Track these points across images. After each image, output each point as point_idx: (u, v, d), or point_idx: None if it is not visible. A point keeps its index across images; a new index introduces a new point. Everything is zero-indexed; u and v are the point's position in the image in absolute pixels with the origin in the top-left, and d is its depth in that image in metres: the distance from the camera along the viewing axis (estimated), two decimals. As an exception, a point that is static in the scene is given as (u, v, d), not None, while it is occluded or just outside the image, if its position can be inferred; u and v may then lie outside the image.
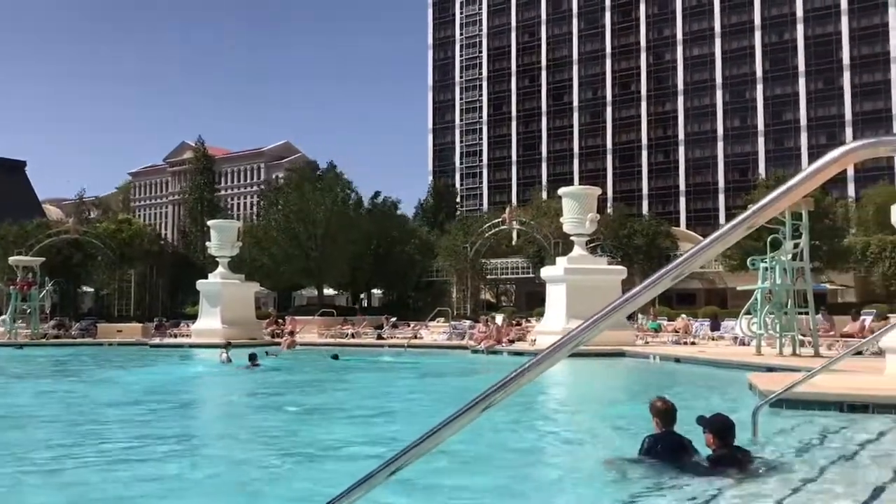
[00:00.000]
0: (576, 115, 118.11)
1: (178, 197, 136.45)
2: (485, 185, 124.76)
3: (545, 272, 28.05)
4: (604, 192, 55.11)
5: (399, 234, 63.82)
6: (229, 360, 21.84)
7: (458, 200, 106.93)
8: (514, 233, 56.13)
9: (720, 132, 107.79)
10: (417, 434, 2.55)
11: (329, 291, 66.57)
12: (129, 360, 25.39)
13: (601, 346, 20.95)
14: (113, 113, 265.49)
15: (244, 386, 18.35)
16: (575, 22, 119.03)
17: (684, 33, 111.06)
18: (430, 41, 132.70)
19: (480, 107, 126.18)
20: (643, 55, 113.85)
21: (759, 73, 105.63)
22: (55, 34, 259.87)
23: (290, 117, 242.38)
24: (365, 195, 64.17)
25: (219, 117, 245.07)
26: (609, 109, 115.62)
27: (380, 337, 32.12)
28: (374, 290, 70.17)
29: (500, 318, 32.11)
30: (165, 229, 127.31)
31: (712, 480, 6.22)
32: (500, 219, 53.61)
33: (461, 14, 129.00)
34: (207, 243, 36.22)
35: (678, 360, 20.61)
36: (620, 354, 22.13)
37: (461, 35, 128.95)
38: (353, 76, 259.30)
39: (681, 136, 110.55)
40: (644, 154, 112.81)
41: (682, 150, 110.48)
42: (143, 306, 56.19)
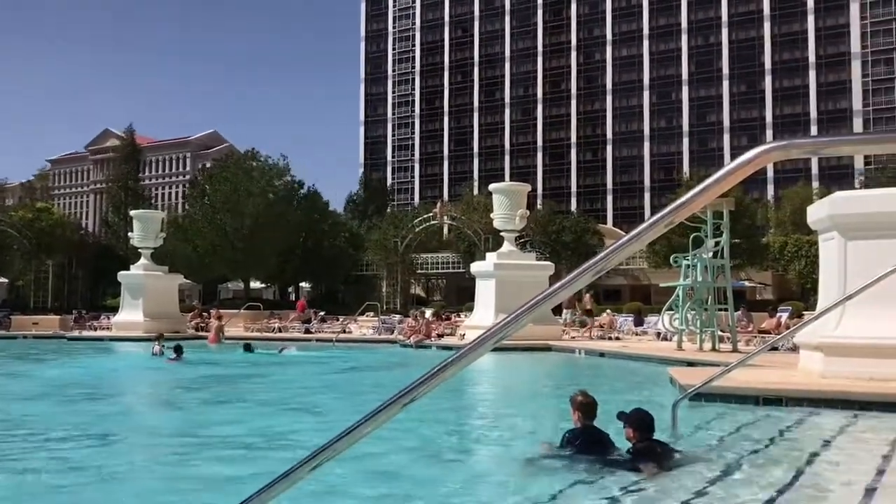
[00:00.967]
0: (507, 111, 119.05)
1: (100, 186, 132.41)
2: (416, 180, 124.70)
3: (475, 267, 28.23)
4: (534, 189, 55.83)
5: (328, 227, 63.27)
6: (162, 353, 21.36)
7: (389, 194, 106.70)
8: (445, 228, 56.38)
9: (647, 132, 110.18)
10: (340, 428, 2.53)
11: (256, 284, 65.60)
12: (46, 354, 24.53)
13: (528, 341, 21.21)
14: (30, 98, 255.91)
15: (168, 379, 17.95)
16: (507, 19, 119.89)
17: (614, 34, 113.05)
18: (362, 33, 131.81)
19: (413, 101, 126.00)
20: (574, 54, 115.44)
21: (685, 75, 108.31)
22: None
23: (217, 106, 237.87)
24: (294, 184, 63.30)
25: (143, 105, 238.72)
26: (540, 107, 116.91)
27: (307, 331, 31.78)
28: (302, 284, 69.44)
29: (429, 313, 32.14)
30: (86, 219, 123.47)
31: (632, 473, 6.35)
32: (431, 213, 53.79)
33: (394, 7, 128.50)
34: (130, 234, 35.25)
35: (603, 354, 20.99)
36: (547, 349, 22.43)
37: (394, 28, 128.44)
38: (284, 66, 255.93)
39: (609, 134, 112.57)
40: (573, 152, 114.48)
41: (609, 148, 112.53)
42: (62, 298, 54.44)
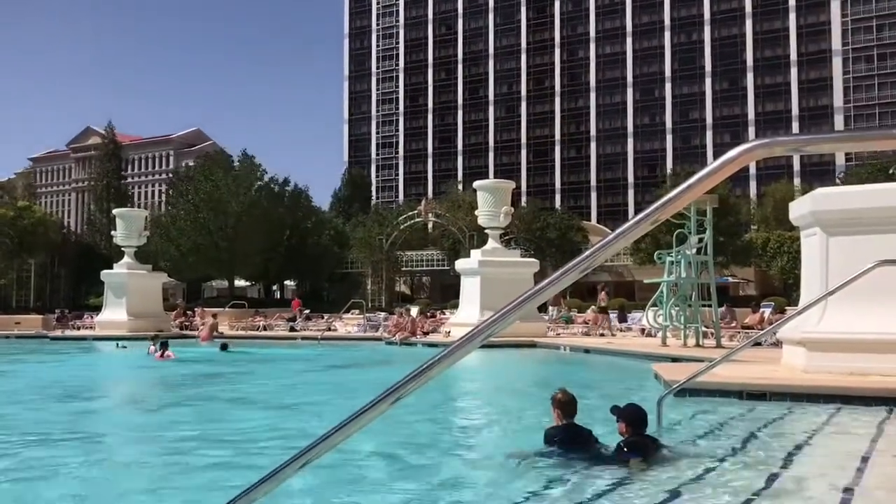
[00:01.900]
0: (491, 109, 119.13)
1: (83, 184, 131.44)
2: (401, 177, 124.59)
3: (460, 264, 28.24)
4: (518, 186, 55.92)
5: (313, 225, 63.11)
6: (157, 352, 21.35)
7: (374, 192, 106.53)
8: (430, 225, 56.40)
9: (630, 129, 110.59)
10: (328, 426, 2.54)
11: (240, 283, 65.35)
12: (30, 353, 24.34)
13: (513, 337, 21.26)
14: (10, 94, 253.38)
15: (159, 377, 17.88)
16: (491, 16, 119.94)
17: (597, 31, 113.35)
18: (346, 30, 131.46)
19: (397, 98, 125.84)
20: (557, 51, 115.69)
21: (667, 72, 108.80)
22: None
23: (201, 104, 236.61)
24: (277, 183, 63.13)
25: (125, 103, 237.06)
26: (524, 104, 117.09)
27: (292, 329, 31.70)
28: (286, 282, 69.25)
29: (414, 311, 32.16)
30: (69, 217, 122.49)
31: (619, 468, 6.39)
32: (416, 211, 53.76)
33: (377, 4, 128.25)
34: (113, 233, 35.02)
35: (587, 350, 21.07)
36: (532, 345, 22.48)
37: (378, 25, 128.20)
38: (268, 64, 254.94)
39: (592, 131, 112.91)
40: (557, 149, 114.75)
41: (593, 145, 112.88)
42: (44, 297, 54.06)
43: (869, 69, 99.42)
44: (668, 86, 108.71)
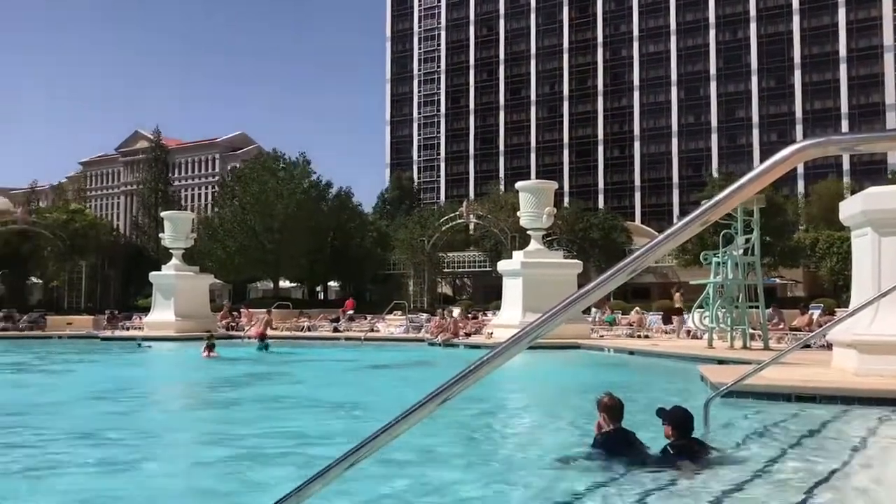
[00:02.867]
0: (533, 109, 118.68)
1: (131, 187, 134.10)
2: (442, 179, 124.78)
3: (502, 266, 28.19)
4: (560, 187, 55.68)
5: (356, 227, 63.59)
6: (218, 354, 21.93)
7: (416, 193, 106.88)
8: (472, 226, 56.37)
9: (675, 128, 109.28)
10: (372, 426, 2.56)
11: (285, 284, 66.07)
12: (83, 353, 24.90)
13: (557, 339, 21.16)
14: (64, 101, 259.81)
15: (204, 377, 18.18)
16: (533, 17, 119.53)
17: (640, 30, 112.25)
18: (388, 33, 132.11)
19: (438, 100, 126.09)
20: (600, 51, 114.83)
21: (712, 70, 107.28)
22: (7, 22, 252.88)
23: (246, 108, 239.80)
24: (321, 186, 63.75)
25: (173, 107, 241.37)
26: (566, 104, 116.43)
27: (336, 330, 31.97)
28: (330, 283, 69.86)
29: (456, 312, 32.19)
30: (118, 220, 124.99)
31: (667, 472, 6.33)
32: (458, 212, 53.73)
33: (419, 6, 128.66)
34: (161, 235, 35.67)
35: (632, 352, 20.89)
36: (575, 347, 22.35)
37: (419, 28, 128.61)
38: (311, 67, 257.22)
39: (636, 131, 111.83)
40: (600, 149, 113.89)
41: (637, 145, 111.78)
42: (95, 298, 55.20)
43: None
44: (713, 84, 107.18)
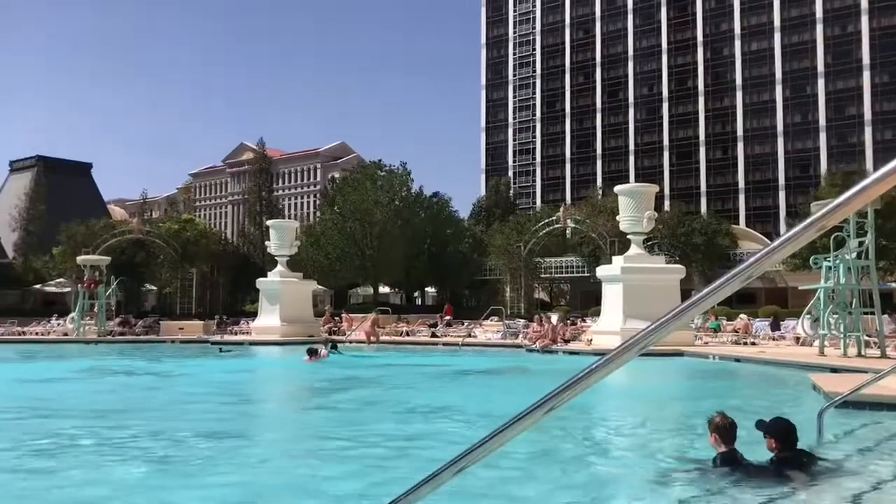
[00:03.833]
0: (631, 111, 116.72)
1: (237, 197, 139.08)
2: (538, 183, 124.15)
3: (601, 271, 27.77)
4: (661, 190, 54.35)
5: (452, 233, 64.05)
6: (328, 355, 22.98)
7: (512, 199, 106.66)
8: (569, 231, 55.81)
9: (780, 128, 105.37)
10: (483, 432, 2.59)
11: (384, 289, 67.11)
12: (194, 357, 25.94)
13: (659, 346, 20.62)
14: (173, 115, 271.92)
15: (307, 379, 18.68)
16: (630, 18, 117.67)
17: (742, 27, 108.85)
18: (483, 40, 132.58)
19: (534, 104, 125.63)
20: (700, 50, 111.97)
21: (820, 67, 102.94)
22: (117, 41, 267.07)
23: (345, 118, 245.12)
24: (419, 193, 64.60)
25: (275, 119, 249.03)
26: (665, 105, 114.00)
27: (434, 335, 32.23)
28: (427, 289, 70.53)
29: (555, 317, 31.92)
30: (225, 228, 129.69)
31: (776, 484, 6.12)
32: (555, 217, 53.31)
33: (514, 12, 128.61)
34: (267, 242, 36.84)
35: (738, 360, 20.24)
36: (679, 354, 21.78)
37: (514, 33, 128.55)
38: (406, 76, 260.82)
39: (739, 132, 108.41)
40: (702, 150, 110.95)
41: (741, 146, 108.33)
42: (205, 304, 57.42)
43: None
44: (821, 81, 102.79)
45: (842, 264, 17.74)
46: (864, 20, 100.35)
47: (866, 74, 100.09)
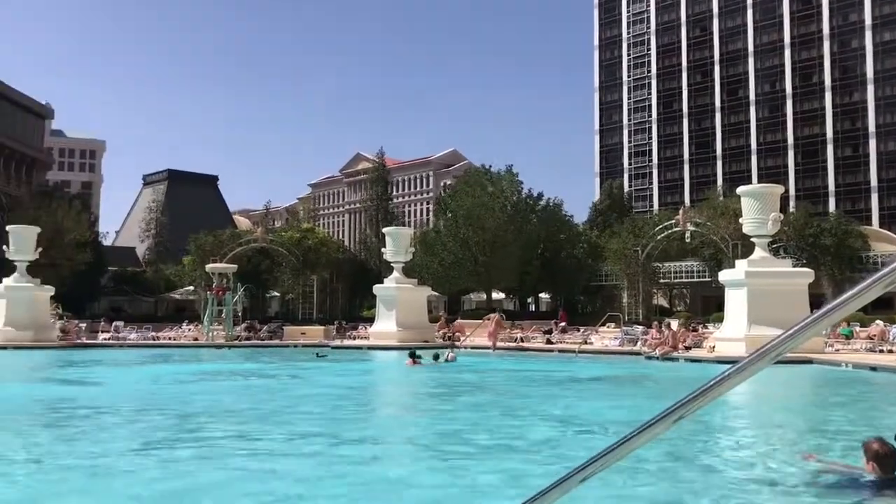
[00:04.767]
0: (752, 109, 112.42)
1: (354, 206, 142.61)
2: (655, 186, 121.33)
3: (724, 276, 26.87)
4: (786, 190, 52.05)
5: (566, 238, 63.42)
6: (451, 359, 23.67)
7: (627, 202, 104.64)
8: (688, 235, 54.24)
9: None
10: (596, 439, 2.56)
11: (497, 295, 67.11)
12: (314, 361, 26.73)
13: (788, 353, 19.81)
14: (292, 128, 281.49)
15: (422, 384, 18.93)
16: (749, 13, 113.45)
17: (874, 17, 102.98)
18: (595, 42, 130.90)
19: (649, 105, 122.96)
20: (826, 44, 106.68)
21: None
22: (240, 62, 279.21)
23: (455, 125, 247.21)
24: (532, 198, 64.32)
25: (388, 128, 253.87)
26: (789, 103, 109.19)
27: (549, 342, 31.99)
28: (541, 294, 70.04)
29: (675, 324, 31.10)
30: (342, 236, 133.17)
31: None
32: (673, 220, 51.93)
33: (628, 12, 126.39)
34: (383, 250, 37.59)
35: (874, 368, 19.14)
36: (807, 362, 20.81)
37: (628, 34, 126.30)
38: (516, 81, 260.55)
39: (871, 128, 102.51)
40: (829, 149, 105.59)
41: (872, 143, 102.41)
42: (325, 310, 59.08)
43: None
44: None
45: None
46: None
47: None
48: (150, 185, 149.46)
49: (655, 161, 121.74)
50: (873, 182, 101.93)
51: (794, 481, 6.75)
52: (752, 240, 26.48)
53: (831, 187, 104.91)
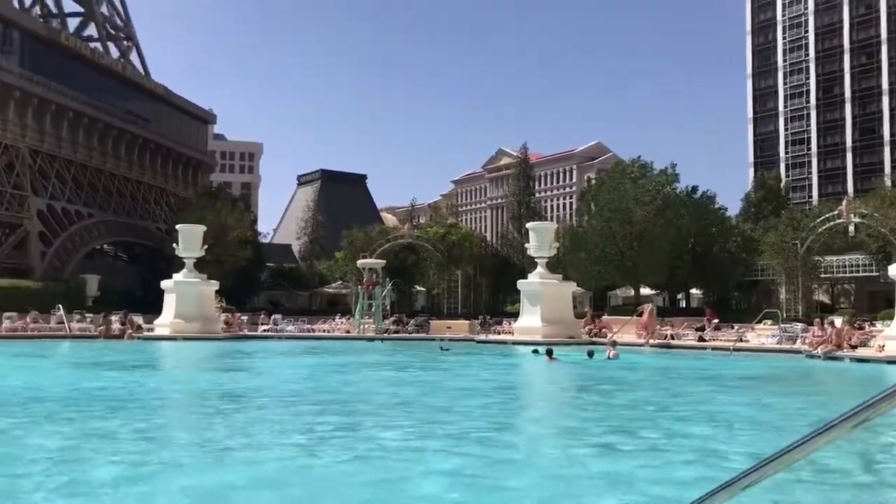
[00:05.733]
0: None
1: (496, 201, 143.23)
2: (814, 176, 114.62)
3: (893, 270, 25.08)
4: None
5: (719, 231, 61.07)
6: (617, 356, 23.45)
7: (784, 193, 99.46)
8: (852, 227, 50.95)
9: None
10: (757, 443, 2.49)
11: (645, 291, 65.51)
12: (462, 355, 27.14)
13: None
14: (436, 127, 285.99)
15: (572, 380, 18.85)
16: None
17: None
18: (748, 27, 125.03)
19: (807, 91, 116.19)
20: None
21: None
22: (385, 65, 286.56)
23: (600, 116, 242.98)
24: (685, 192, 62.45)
25: (530, 121, 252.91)
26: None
27: (701, 339, 30.95)
28: (692, 290, 67.79)
29: (839, 321, 29.34)
30: (485, 231, 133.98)
31: None
32: (836, 212, 48.91)
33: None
34: (526, 245, 37.57)
35: None
36: None
37: (783, 16, 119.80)
38: (662, 69, 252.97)
39: None
40: None
41: None
42: (469, 304, 59.83)
43: None
44: None
45: None
46: None
47: None
48: (305, 185, 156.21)
49: (815, 149, 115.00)
50: None
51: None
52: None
53: None
